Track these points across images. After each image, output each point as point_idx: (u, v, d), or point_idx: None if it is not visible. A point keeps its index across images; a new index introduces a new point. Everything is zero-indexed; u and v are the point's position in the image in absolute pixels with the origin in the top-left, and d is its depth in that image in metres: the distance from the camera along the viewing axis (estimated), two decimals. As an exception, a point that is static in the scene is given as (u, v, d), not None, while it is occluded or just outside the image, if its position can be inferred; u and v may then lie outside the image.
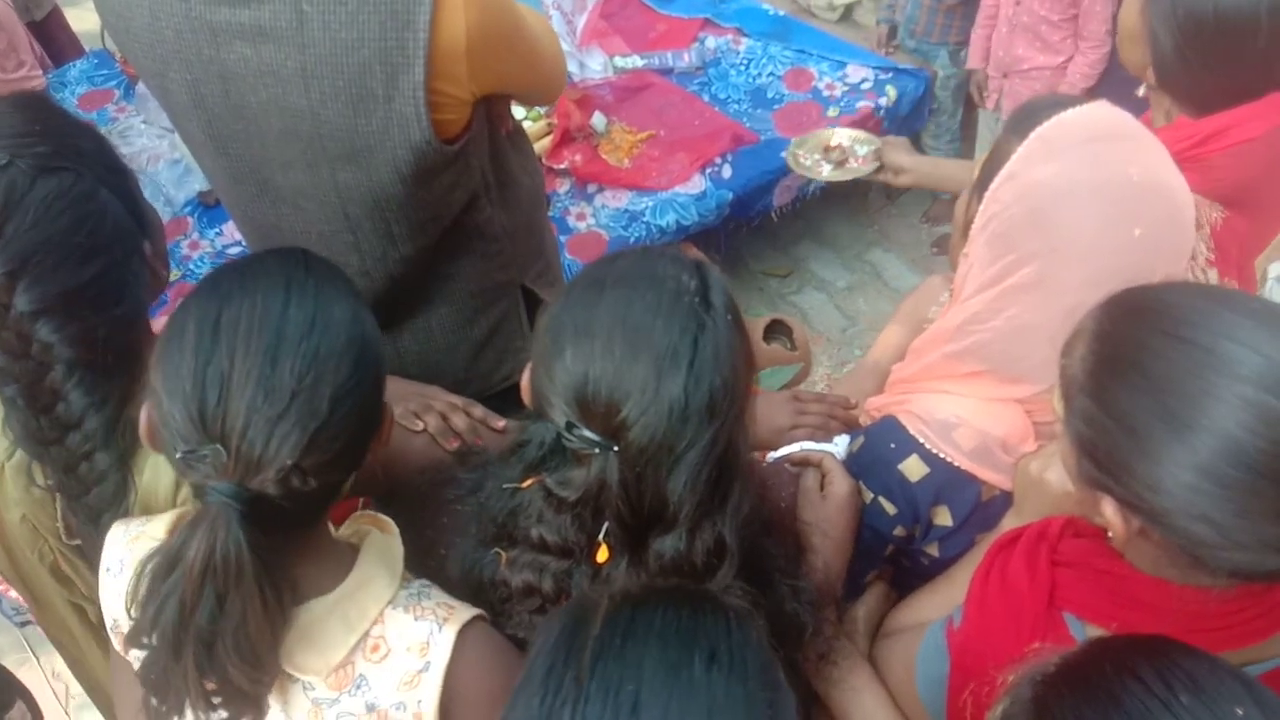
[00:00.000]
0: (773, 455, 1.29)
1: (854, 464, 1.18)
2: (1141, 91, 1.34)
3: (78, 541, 1.14)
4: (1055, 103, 1.04)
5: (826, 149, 2.12)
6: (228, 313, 0.83)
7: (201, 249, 2.75)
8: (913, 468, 1.12)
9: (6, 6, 3.00)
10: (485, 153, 1.34)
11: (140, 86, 3.05)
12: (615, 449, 0.85)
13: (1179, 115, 1.24)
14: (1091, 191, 0.98)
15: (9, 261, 0.94)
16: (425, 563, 1.02)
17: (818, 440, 1.32)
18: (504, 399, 1.41)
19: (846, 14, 3.50)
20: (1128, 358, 0.80)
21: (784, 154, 2.24)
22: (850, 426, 1.35)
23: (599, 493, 0.87)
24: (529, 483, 0.93)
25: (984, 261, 1.07)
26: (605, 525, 0.89)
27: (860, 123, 3.01)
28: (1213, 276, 1.23)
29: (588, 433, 0.85)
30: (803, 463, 1.21)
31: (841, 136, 2.14)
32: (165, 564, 0.81)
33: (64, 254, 0.96)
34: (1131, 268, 0.88)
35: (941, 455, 1.10)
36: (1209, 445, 0.73)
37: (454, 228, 1.36)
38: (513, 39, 1.24)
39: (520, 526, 0.94)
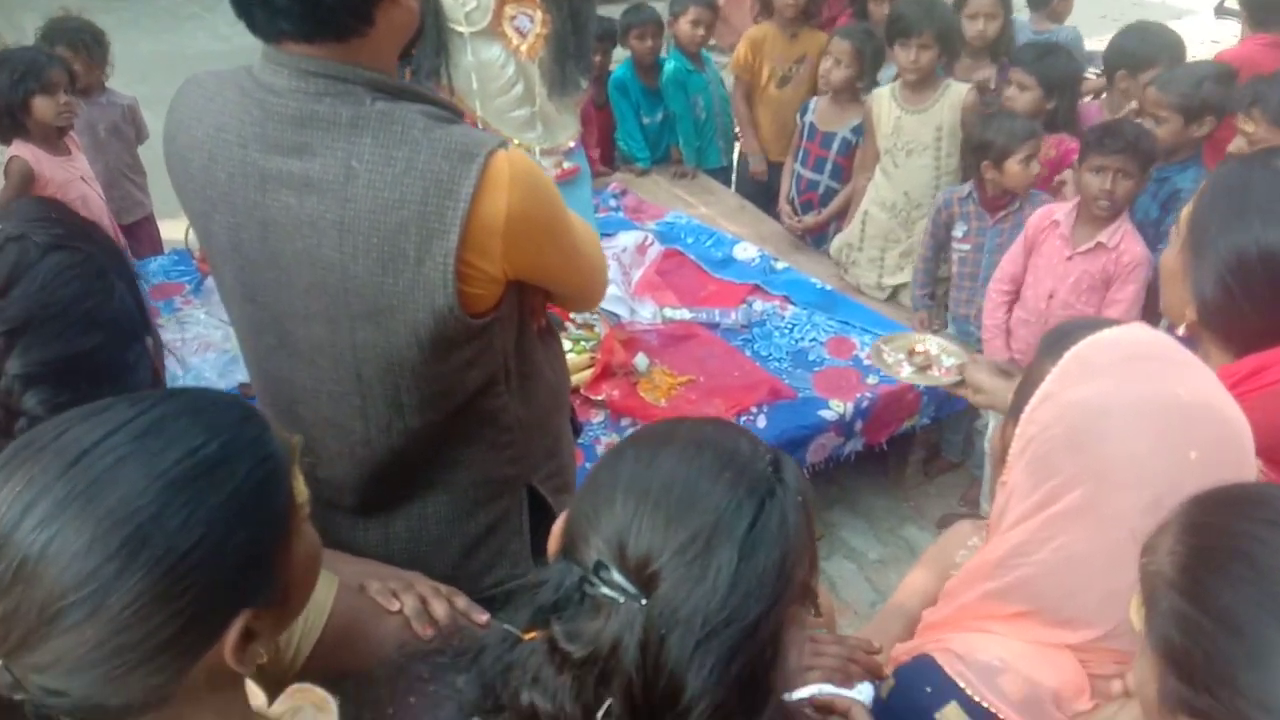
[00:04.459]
0: (787, 698, 1.14)
1: (884, 712, 1.04)
2: (1181, 331, 1.30)
3: None
4: (1089, 324, 1.00)
5: (912, 352, 2.09)
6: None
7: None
8: (952, 718, 0.97)
9: (99, 200, 3.24)
10: (511, 339, 1.33)
11: (208, 281, 3.21)
12: (643, 602, 0.73)
13: (1219, 363, 1.19)
14: (1135, 410, 0.91)
15: (9, 321, 0.92)
16: None
17: (836, 685, 1.17)
18: (488, 606, 1.30)
19: (894, 295, 3.61)
20: (1230, 548, 0.69)
21: (867, 349, 2.18)
22: (873, 673, 1.20)
23: (610, 654, 0.73)
24: (532, 635, 0.79)
25: (1024, 489, 0.98)
26: (608, 703, 0.74)
27: (900, 394, 3.01)
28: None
29: (618, 576, 0.74)
30: (826, 709, 1.06)
31: (930, 344, 2.12)
32: None
33: (67, 322, 0.94)
34: (1191, 494, 0.79)
35: (985, 704, 0.96)
36: None
37: (466, 409, 1.31)
38: (553, 229, 1.26)
39: (510, 686, 0.79)
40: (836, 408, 2.90)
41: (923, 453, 3.41)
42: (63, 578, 0.68)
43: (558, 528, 0.85)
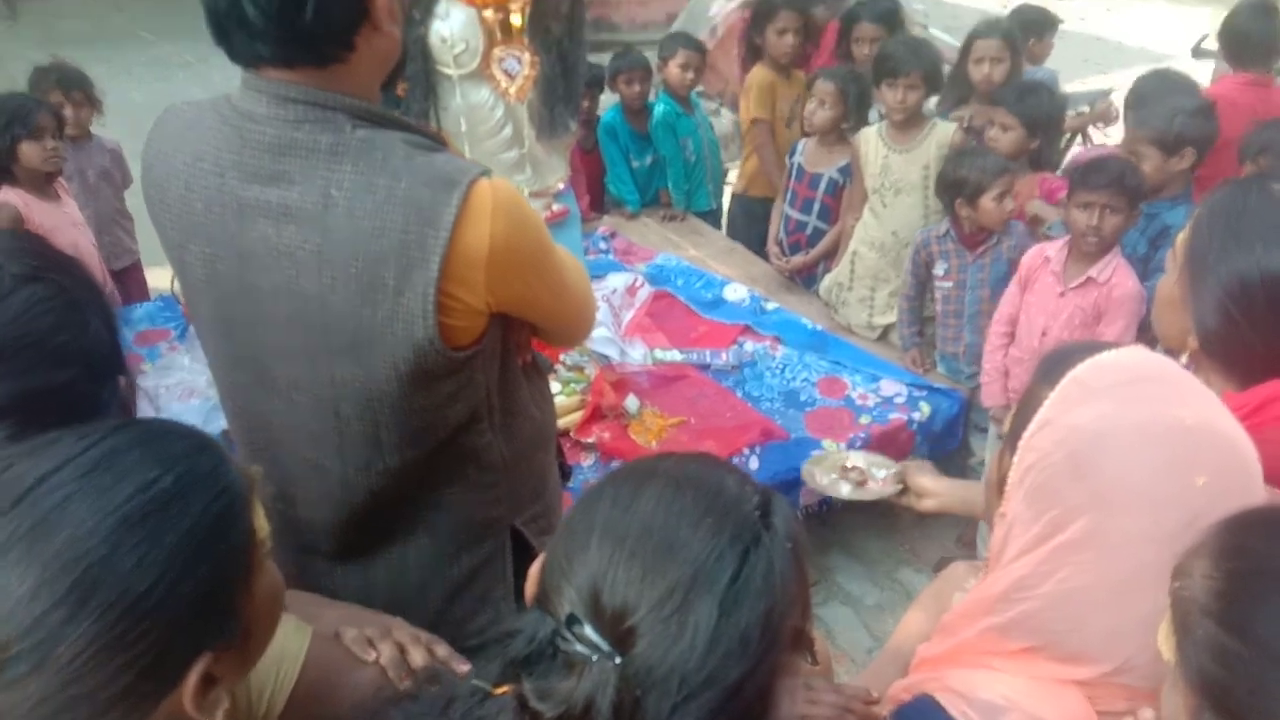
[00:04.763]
0: None
1: None
2: (1184, 360, 1.28)
3: None
4: (1087, 348, 0.96)
5: (843, 469, 2.04)
6: None
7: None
8: None
9: (90, 245, 3.22)
10: (495, 373, 1.29)
11: (193, 328, 3.17)
12: (618, 661, 0.69)
13: (1221, 391, 1.16)
14: (1138, 434, 0.87)
15: None
16: None
17: None
18: (471, 656, 1.25)
19: (884, 334, 3.59)
20: (1271, 572, 0.66)
21: (801, 472, 2.12)
22: (870, 722, 1.15)
23: (582, 715, 0.69)
24: (503, 690, 0.74)
25: (1025, 520, 0.94)
26: None
27: (893, 433, 2.97)
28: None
29: (590, 632, 0.69)
30: None
31: (857, 459, 2.06)
32: None
33: (40, 354, 0.91)
34: (1200, 522, 0.75)
35: None
36: None
37: (448, 447, 1.27)
38: (539, 261, 1.23)
39: None
40: (829, 448, 2.86)
41: (917, 494, 3.36)
42: (5, 627, 0.63)
43: (534, 571, 0.81)
